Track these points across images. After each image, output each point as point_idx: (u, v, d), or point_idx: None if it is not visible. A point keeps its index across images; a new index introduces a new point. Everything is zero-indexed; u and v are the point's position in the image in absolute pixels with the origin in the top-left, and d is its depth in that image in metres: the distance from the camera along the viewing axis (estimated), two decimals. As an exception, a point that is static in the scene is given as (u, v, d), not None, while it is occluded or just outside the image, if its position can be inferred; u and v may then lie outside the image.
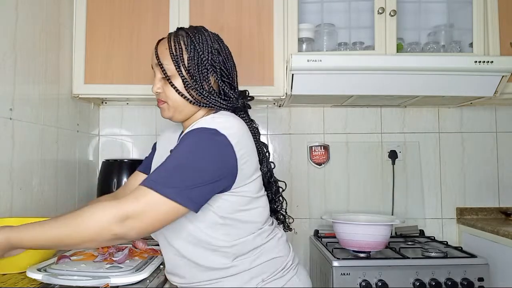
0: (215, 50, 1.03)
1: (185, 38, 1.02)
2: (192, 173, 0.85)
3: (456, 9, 1.91)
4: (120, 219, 0.79)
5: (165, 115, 1.05)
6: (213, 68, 1.01)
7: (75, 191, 1.76)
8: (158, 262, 1.10)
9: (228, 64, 1.05)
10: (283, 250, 1.03)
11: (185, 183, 0.84)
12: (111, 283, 0.90)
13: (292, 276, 1.01)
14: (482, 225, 1.84)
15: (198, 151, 0.87)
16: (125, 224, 0.80)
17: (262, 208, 1.02)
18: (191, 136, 0.90)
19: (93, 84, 1.74)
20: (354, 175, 2.08)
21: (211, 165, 0.87)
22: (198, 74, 1.00)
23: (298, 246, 2.06)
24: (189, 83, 0.99)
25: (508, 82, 1.70)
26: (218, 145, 0.89)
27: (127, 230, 0.80)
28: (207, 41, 1.02)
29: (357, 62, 1.61)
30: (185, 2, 1.76)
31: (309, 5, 1.94)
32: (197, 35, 1.02)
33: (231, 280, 0.95)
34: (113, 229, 0.79)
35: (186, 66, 1.00)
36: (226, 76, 1.04)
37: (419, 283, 1.49)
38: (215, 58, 1.02)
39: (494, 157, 2.09)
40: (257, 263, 0.96)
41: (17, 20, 1.31)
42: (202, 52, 1.00)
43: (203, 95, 1.00)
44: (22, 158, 1.33)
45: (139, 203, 0.81)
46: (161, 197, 0.81)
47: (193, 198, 0.84)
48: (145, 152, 2.08)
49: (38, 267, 0.97)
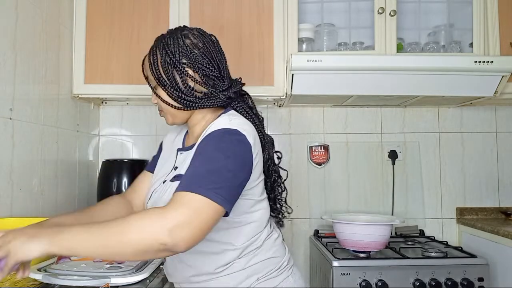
0: (187, 47, 0.98)
1: (160, 45, 1.00)
2: (225, 174, 0.83)
3: (456, 9, 1.91)
4: (169, 229, 0.72)
5: (167, 122, 1.06)
6: (188, 65, 0.98)
7: (75, 191, 1.76)
8: (158, 262, 1.10)
9: (207, 56, 0.99)
10: (279, 250, 1.04)
11: (220, 185, 0.81)
12: (111, 283, 0.90)
13: (287, 276, 1.01)
14: (482, 225, 1.84)
15: (226, 153, 0.86)
16: (175, 234, 0.73)
17: (263, 210, 1.02)
18: (216, 138, 0.89)
19: (93, 84, 1.74)
20: (354, 175, 2.08)
21: (239, 165, 0.87)
22: (174, 77, 0.97)
23: (298, 246, 2.06)
24: (170, 91, 0.98)
25: (508, 82, 1.70)
26: (242, 145, 0.89)
27: (177, 240, 0.73)
28: (177, 41, 0.98)
29: (357, 62, 1.61)
30: (185, 2, 1.76)
31: (309, 5, 1.94)
32: (170, 39, 0.99)
33: (227, 278, 0.95)
34: (163, 240, 0.72)
35: (162, 73, 0.98)
36: (209, 69, 0.99)
37: (419, 283, 1.49)
38: (189, 54, 0.97)
39: (494, 157, 2.09)
40: (252, 263, 0.96)
41: (17, 20, 1.32)
42: (172, 54, 0.97)
43: (185, 98, 0.98)
44: (22, 158, 1.33)
45: (186, 209, 0.75)
46: (204, 199, 0.77)
47: (229, 199, 0.82)
48: (145, 152, 2.08)
49: (38, 267, 0.97)
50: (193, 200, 0.77)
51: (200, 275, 0.97)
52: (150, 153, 2.08)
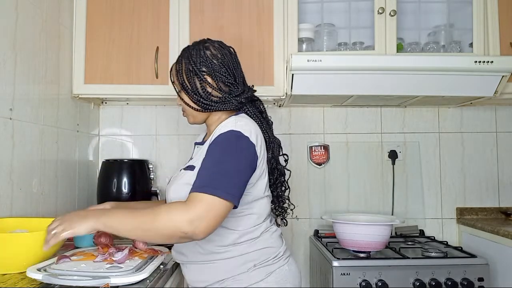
0: (207, 57, 1.14)
1: (184, 55, 1.16)
2: (232, 173, 0.99)
3: (456, 9, 1.91)
4: (189, 221, 0.91)
5: (189, 121, 1.22)
6: (207, 73, 1.13)
7: (75, 191, 1.76)
8: (158, 262, 1.10)
9: (225, 63, 1.15)
10: (275, 242, 1.14)
11: (229, 183, 0.97)
12: (111, 283, 0.90)
13: (282, 265, 1.12)
14: (482, 225, 1.84)
15: (233, 154, 1.01)
16: (194, 225, 0.91)
17: (264, 205, 1.14)
18: (222, 140, 1.04)
19: (93, 84, 1.74)
20: (354, 175, 2.08)
21: (243, 164, 1.02)
22: (195, 83, 1.13)
23: (298, 246, 2.06)
24: (191, 95, 1.14)
25: (508, 82, 1.70)
26: (245, 145, 1.03)
27: (195, 230, 0.91)
28: (199, 52, 1.14)
29: (357, 62, 1.61)
30: (185, 2, 1.76)
31: (309, 5, 1.94)
32: (193, 50, 1.15)
33: (225, 262, 1.08)
34: (184, 229, 0.91)
35: (185, 79, 1.14)
36: (226, 77, 1.14)
37: (419, 283, 1.49)
38: (208, 64, 1.13)
39: (494, 157, 2.09)
40: (250, 250, 1.08)
41: (17, 20, 1.32)
42: (194, 63, 1.13)
43: (203, 101, 1.13)
44: (22, 158, 1.33)
45: (202, 205, 0.93)
46: (215, 198, 0.93)
47: (236, 194, 0.98)
48: (145, 152, 2.08)
49: (38, 267, 0.97)
50: (207, 199, 0.94)
51: (205, 254, 1.09)
52: (150, 153, 2.08)
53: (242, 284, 1.07)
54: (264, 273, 1.08)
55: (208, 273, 1.10)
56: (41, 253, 1.01)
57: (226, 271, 1.08)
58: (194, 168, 1.07)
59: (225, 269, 1.08)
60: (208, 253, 1.09)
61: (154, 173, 1.93)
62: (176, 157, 2.08)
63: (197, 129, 2.06)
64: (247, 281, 1.07)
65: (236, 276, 1.07)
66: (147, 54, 1.74)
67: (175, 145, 2.09)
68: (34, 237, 0.99)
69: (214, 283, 1.09)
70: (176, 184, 1.11)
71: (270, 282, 1.08)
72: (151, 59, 1.73)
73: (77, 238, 1.28)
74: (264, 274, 1.08)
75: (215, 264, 1.09)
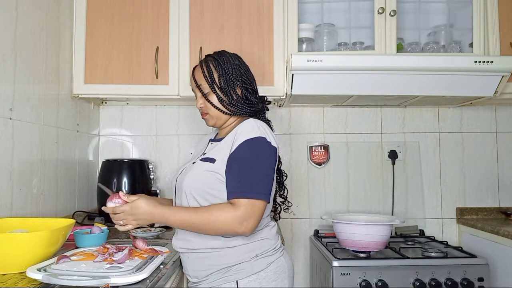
0: (237, 65, 1.27)
1: (213, 61, 1.26)
2: (263, 179, 1.14)
3: (456, 9, 1.91)
4: (240, 223, 1.09)
5: (209, 123, 1.30)
6: (237, 80, 1.25)
7: (75, 191, 1.76)
8: (158, 262, 1.10)
9: (248, 74, 1.29)
10: (273, 236, 1.25)
11: (263, 186, 1.13)
12: (111, 283, 0.90)
13: (279, 257, 1.22)
14: (482, 225, 1.84)
15: (264, 159, 1.15)
16: (243, 225, 1.09)
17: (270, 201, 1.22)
18: (252, 146, 1.15)
19: (93, 84, 1.74)
20: (354, 175, 2.08)
21: (270, 167, 1.17)
22: (228, 88, 1.24)
23: (298, 246, 2.06)
24: (221, 98, 1.24)
25: (508, 82, 1.70)
26: (270, 150, 1.17)
27: (245, 230, 1.10)
28: (229, 60, 1.26)
29: (357, 62, 1.61)
30: (185, 2, 1.76)
31: (309, 5, 1.94)
32: (222, 57, 1.27)
33: (228, 251, 1.16)
34: (237, 230, 1.09)
35: (217, 83, 1.24)
36: (249, 84, 1.28)
37: (419, 283, 1.49)
38: (237, 72, 1.26)
39: (494, 157, 2.09)
40: (251, 241, 1.18)
41: (17, 20, 1.32)
42: (227, 69, 1.24)
43: (233, 105, 1.24)
44: (22, 158, 1.33)
45: (246, 210, 1.10)
46: (255, 201, 1.11)
47: (268, 194, 1.15)
48: (145, 152, 2.09)
49: (38, 267, 0.97)
50: (250, 203, 1.11)
51: (212, 239, 1.17)
52: (150, 153, 2.08)
53: (246, 272, 1.15)
54: (265, 263, 1.17)
55: (211, 261, 1.17)
56: (41, 253, 1.01)
57: (230, 259, 1.16)
58: (214, 160, 1.18)
59: (229, 257, 1.16)
60: (215, 239, 1.17)
61: (154, 173, 1.93)
62: (176, 157, 2.08)
63: (197, 129, 2.07)
64: (249, 270, 1.15)
65: (239, 264, 1.16)
66: (147, 54, 1.75)
67: (175, 145, 2.09)
68: (34, 237, 0.99)
69: (215, 272, 1.17)
70: (195, 172, 1.20)
71: (270, 271, 1.18)
72: (151, 59, 1.74)
73: (78, 238, 1.27)
74: (265, 264, 1.17)
75: (219, 252, 1.16)
